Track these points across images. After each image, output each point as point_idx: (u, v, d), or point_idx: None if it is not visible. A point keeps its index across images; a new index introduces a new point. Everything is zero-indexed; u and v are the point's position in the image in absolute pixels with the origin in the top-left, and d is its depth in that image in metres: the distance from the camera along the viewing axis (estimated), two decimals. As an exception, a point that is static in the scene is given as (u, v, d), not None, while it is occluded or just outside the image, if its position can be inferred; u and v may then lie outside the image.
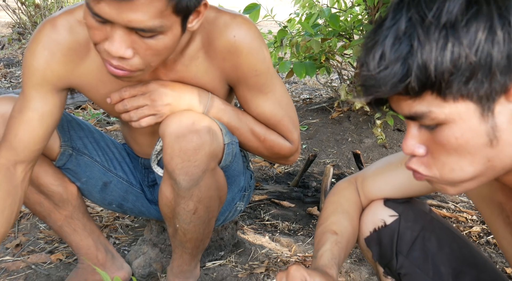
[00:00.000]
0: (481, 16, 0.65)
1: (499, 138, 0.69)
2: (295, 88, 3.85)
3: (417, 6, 0.67)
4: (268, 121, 1.31)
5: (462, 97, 0.68)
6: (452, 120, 0.69)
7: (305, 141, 2.73)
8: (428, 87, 0.68)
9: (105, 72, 1.22)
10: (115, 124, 2.97)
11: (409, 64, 0.67)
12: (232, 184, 1.39)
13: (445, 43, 0.65)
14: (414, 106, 0.70)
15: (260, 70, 1.24)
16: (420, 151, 0.75)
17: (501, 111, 0.68)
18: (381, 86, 0.69)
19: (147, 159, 1.49)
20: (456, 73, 0.66)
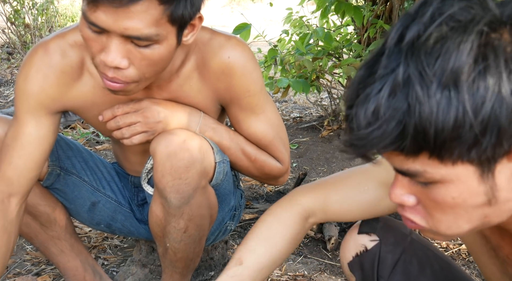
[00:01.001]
0: (488, 76, 0.57)
1: (498, 197, 0.65)
2: (285, 107, 3.87)
3: (416, 58, 0.59)
4: (259, 141, 1.32)
5: (462, 162, 0.61)
6: (450, 180, 0.63)
7: (295, 159, 2.73)
8: (426, 150, 0.61)
9: (98, 94, 1.22)
10: (105, 144, 2.96)
11: (405, 125, 0.59)
12: (223, 203, 1.38)
13: (448, 106, 0.57)
14: (407, 164, 0.64)
15: (252, 91, 1.25)
16: (410, 201, 0.69)
17: (501, 170, 0.63)
18: (372, 147, 0.62)
19: (138, 177, 1.48)
20: (458, 140, 0.58)
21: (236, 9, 8.65)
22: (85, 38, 1.03)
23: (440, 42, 0.58)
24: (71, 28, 1.22)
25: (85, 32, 1.02)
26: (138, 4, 0.95)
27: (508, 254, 0.80)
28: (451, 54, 0.57)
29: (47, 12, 4.98)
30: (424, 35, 0.59)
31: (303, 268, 1.78)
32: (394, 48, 0.61)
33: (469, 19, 0.59)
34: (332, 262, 1.82)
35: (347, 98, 0.65)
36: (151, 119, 1.21)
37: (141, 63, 1.04)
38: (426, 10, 0.61)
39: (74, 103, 1.24)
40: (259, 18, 7.13)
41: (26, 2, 4.87)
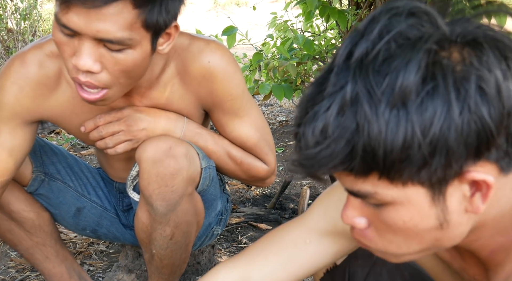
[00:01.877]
0: (437, 98, 0.56)
1: (449, 221, 0.63)
2: (271, 111, 3.88)
3: (365, 77, 0.57)
4: (244, 144, 1.32)
5: (412, 183, 0.60)
6: (400, 203, 0.62)
7: (281, 163, 2.74)
8: (375, 170, 0.59)
9: (77, 103, 1.22)
10: (90, 149, 2.94)
11: (353, 145, 0.58)
12: (209, 208, 1.38)
13: (397, 126, 0.56)
14: (357, 184, 0.62)
15: (235, 95, 1.25)
16: (362, 223, 0.68)
17: (453, 193, 0.62)
18: (321, 167, 0.60)
19: (122, 183, 1.47)
20: (407, 161, 0.57)
21: (221, 13, 8.66)
22: (57, 42, 1.02)
23: (388, 60, 0.57)
24: (48, 38, 1.21)
25: (57, 35, 1.01)
26: (111, 6, 0.94)
27: (475, 275, 0.79)
28: (399, 73, 0.56)
29: (30, 16, 4.93)
30: (372, 52, 0.58)
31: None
32: (343, 66, 0.59)
33: (417, 37, 0.58)
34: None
35: (296, 117, 0.63)
36: (134, 127, 1.21)
37: (114, 68, 1.02)
38: (374, 27, 0.59)
39: (52, 113, 1.23)
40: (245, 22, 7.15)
41: (9, 7, 4.82)
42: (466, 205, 0.63)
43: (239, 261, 0.93)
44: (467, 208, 0.63)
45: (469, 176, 0.60)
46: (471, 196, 0.62)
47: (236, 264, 0.93)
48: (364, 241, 0.70)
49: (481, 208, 0.63)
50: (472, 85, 0.57)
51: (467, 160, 0.59)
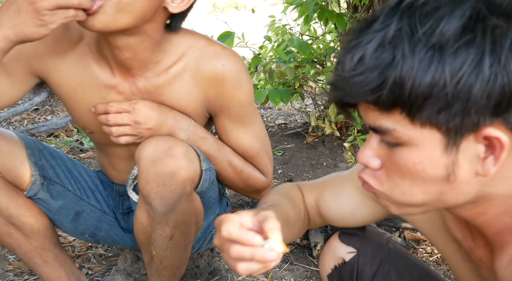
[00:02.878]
0: (472, 47, 0.60)
1: (456, 175, 0.66)
2: (270, 114, 3.88)
3: (411, 17, 0.63)
4: (246, 153, 1.33)
5: (430, 125, 0.64)
6: (415, 144, 0.66)
7: (280, 166, 2.74)
8: (399, 105, 0.64)
9: (86, 76, 1.24)
10: (89, 152, 2.93)
11: (386, 76, 0.62)
12: (208, 211, 1.38)
13: (428, 65, 0.61)
14: (380, 120, 0.67)
15: (243, 102, 1.27)
16: (375, 163, 0.72)
17: (466, 149, 0.65)
18: (351, 91, 0.65)
19: (122, 186, 1.47)
20: (431, 99, 0.61)
21: (220, 17, 8.67)
22: None
23: (436, 8, 0.62)
24: None
25: None
26: None
27: (481, 256, 0.81)
28: (442, 18, 0.61)
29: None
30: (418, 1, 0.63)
31: (289, 275, 1.78)
32: (393, 8, 0.65)
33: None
34: (317, 269, 1.83)
35: (343, 44, 0.69)
36: (142, 125, 1.23)
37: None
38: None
39: (60, 77, 1.25)
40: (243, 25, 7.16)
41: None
42: (477, 168, 0.66)
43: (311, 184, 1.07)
44: (478, 171, 0.66)
45: (485, 132, 0.63)
46: (484, 158, 0.65)
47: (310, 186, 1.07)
48: (372, 182, 0.73)
49: (491, 170, 0.65)
50: (508, 42, 0.61)
51: (486, 113, 0.62)
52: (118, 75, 1.24)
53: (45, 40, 1.20)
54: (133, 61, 1.20)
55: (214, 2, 9.10)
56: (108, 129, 1.24)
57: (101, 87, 1.25)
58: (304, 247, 1.97)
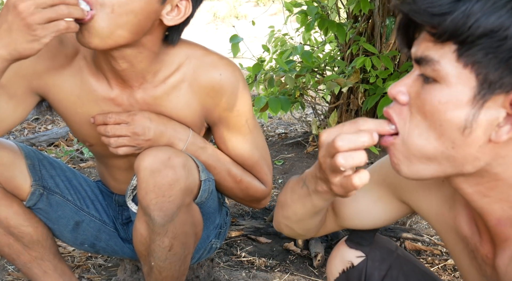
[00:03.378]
0: None
1: (472, 130, 0.68)
2: (271, 123, 3.88)
3: None
4: (245, 162, 1.33)
5: (472, 67, 0.66)
6: (448, 82, 0.68)
7: (280, 175, 2.74)
8: (455, 37, 0.66)
9: (85, 89, 1.24)
10: (89, 162, 2.93)
11: (457, 6, 0.65)
12: (208, 221, 1.38)
13: (499, 9, 0.64)
14: (430, 50, 0.69)
15: (241, 111, 1.27)
16: (404, 98, 0.74)
17: (490, 108, 0.67)
18: (420, 8, 0.68)
19: (122, 196, 1.47)
20: (486, 39, 0.65)
21: (220, 26, 8.71)
22: None
23: None
24: None
25: None
26: None
27: (487, 253, 0.82)
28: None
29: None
30: None
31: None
32: None
33: None
34: (318, 279, 1.82)
35: None
36: (141, 137, 1.23)
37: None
38: None
39: (59, 92, 1.25)
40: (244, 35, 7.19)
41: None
42: (491, 134, 0.68)
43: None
44: (491, 137, 0.68)
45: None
46: (501, 125, 0.68)
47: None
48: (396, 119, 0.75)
49: (503, 137, 0.68)
50: None
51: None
52: (115, 87, 1.24)
53: (41, 57, 1.20)
54: (131, 72, 1.20)
55: (214, 12, 9.14)
56: (107, 140, 1.24)
57: (99, 100, 1.25)
58: (304, 257, 1.96)
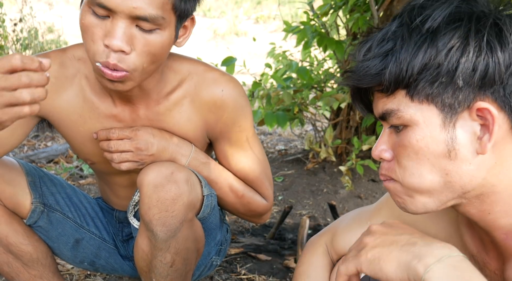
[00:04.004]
0: (460, 29, 0.71)
1: (457, 152, 0.73)
2: (271, 140, 3.88)
3: (410, 13, 0.76)
4: (246, 177, 1.33)
5: (427, 100, 0.73)
6: (416, 122, 0.74)
7: (280, 192, 2.73)
8: (400, 84, 0.74)
9: (86, 108, 1.24)
10: (88, 178, 2.93)
11: (387, 61, 0.74)
12: (209, 237, 1.38)
13: (422, 45, 0.72)
14: (386, 104, 0.77)
15: (243, 127, 1.28)
16: (387, 155, 0.80)
17: (463, 126, 0.73)
18: (361, 76, 0.76)
19: (123, 212, 1.46)
20: (425, 73, 0.72)
21: (220, 43, 8.76)
22: (87, 25, 1.05)
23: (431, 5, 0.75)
24: (69, 45, 1.27)
25: (88, 18, 1.04)
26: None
27: (495, 269, 0.83)
28: (436, 9, 0.73)
29: (31, 46, 4.99)
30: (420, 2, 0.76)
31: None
32: (399, 13, 0.78)
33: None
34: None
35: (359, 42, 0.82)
36: (144, 152, 1.23)
37: (143, 49, 1.06)
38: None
39: (60, 112, 1.25)
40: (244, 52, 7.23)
41: (10, 37, 4.88)
42: (476, 147, 0.73)
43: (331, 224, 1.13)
44: (477, 150, 0.73)
45: (476, 105, 0.72)
46: (480, 137, 0.72)
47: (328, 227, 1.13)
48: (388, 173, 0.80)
49: (487, 146, 0.72)
50: (490, 22, 0.71)
51: (474, 88, 0.71)
52: (119, 105, 1.25)
53: None
54: (138, 93, 1.22)
55: (215, 29, 9.21)
56: (109, 156, 1.24)
57: (101, 118, 1.26)
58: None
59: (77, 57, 1.23)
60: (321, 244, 1.10)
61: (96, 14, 1.04)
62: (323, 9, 2.71)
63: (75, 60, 1.23)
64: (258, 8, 10.07)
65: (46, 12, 6.33)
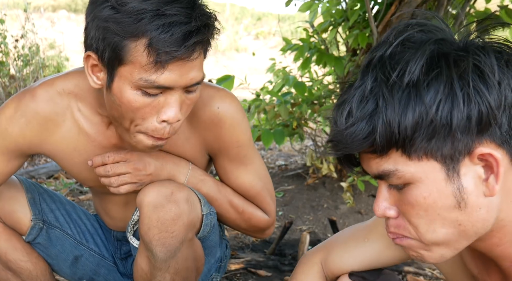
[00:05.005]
0: (441, 78, 0.68)
1: (466, 201, 0.70)
2: (271, 155, 3.88)
3: (383, 67, 0.71)
4: (247, 193, 1.32)
5: (427, 156, 0.70)
6: (419, 179, 0.71)
7: (281, 208, 2.72)
8: (393, 145, 0.70)
9: (81, 141, 1.22)
10: (88, 194, 2.92)
11: (374, 122, 0.70)
12: (209, 255, 1.37)
13: (408, 102, 0.68)
14: (381, 165, 0.72)
15: (241, 142, 1.27)
16: (391, 212, 0.76)
17: (467, 173, 0.70)
18: (349, 143, 0.71)
19: (120, 232, 1.45)
20: (419, 131, 0.68)
21: (221, 59, 8.80)
22: (138, 106, 1.03)
23: (402, 54, 0.71)
24: (59, 75, 1.23)
25: (140, 100, 1.03)
26: (196, 52, 1.01)
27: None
28: (410, 60, 0.69)
29: (32, 63, 5.01)
30: (388, 52, 0.72)
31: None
32: (367, 66, 0.74)
33: (426, 39, 0.72)
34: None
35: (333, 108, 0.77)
36: (142, 172, 1.22)
37: (188, 107, 1.08)
38: (389, 35, 0.74)
39: (55, 148, 1.24)
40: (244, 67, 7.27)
41: (11, 53, 4.90)
42: (484, 190, 0.70)
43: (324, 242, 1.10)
44: (485, 192, 0.70)
45: (477, 152, 0.69)
46: (485, 179, 0.70)
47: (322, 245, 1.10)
48: (398, 231, 0.76)
49: (496, 188, 0.70)
50: (470, 65, 0.68)
51: (471, 135, 0.68)
52: (116, 134, 1.22)
53: (29, 125, 1.18)
54: None
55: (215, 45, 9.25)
56: (107, 181, 1.21)
57: (98, 149, 1.23)
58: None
59: (67, 91, 1.20)
60: (316, 262, 1.08)
61: (148, 93, 1.02)
62: (323, 26, 2.73)
63: (64, 94, 1.20)
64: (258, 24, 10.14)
65: (47, 29, 6.37)
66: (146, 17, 0.97)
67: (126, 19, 0.97)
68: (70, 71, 1.25)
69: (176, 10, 0.98)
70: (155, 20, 0.97)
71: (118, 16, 0.98)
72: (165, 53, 0.97)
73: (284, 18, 8.29)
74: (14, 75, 5.02)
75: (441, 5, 2.34)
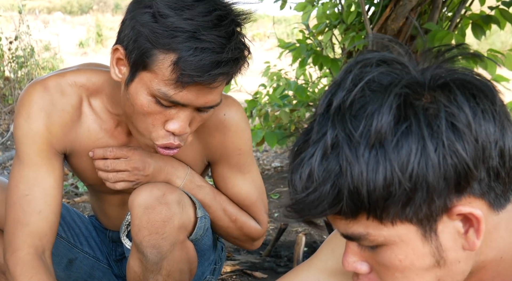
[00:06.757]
0: (411, 136, 0.59)
1: (446, 258, 0.65)
2: (267, 157, 3.88)
3: (342, 121, 0.62)
4: (242, 201, 1.32)
5: (401, 221, 0.62)
6: (393, 242, 0.64)
7: (276, 210, 2.72)
8: (363, 210, 0.62)
9: (91, 138, 1.21)
10: (83, 196, 2.91)
11: (339, 187, 0.61)
12: (202, 257, 1.36)
13: (376, 165, 0.59)
14: (350, 227, 0.65)
15: (243, 150, 1.27)
16: (363, 268, 0.70)
17: (444, 230, 0.64)
18: (311, 210, 0.63)
19: (115, 232, 1.45)
20: (391, 199, 0.60)
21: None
22: (150, 112, 1.05)
23: (363, 105, 0.62)
24: (70, 70, 1.21)
25: (152, 107, 1.04)
26: (218, 82, 1.01)
27: None
28: (373, 115, 0.60)
29: (27, 65, 4.99)
30: (348, 100, 0.62)
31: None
32: (324, 114, 0.64)
33: (389, 82, 0.62)
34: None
35: (288, 164, 0.67)
36: (141, 172, 1.22)
37: (196, 124, 1.10)
38: (348, 77, 0.64)
39: (72, 145, 1.22)
40: (239, 70, 7.26)
41: (6, 55, 4.89)
42: (462, 243, 0.65)
43: None
44: (464, 246, 0.65)
45: (456, 210, 0.62)
46: (465, 232, 0.64)
47: None
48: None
49: (476, 243, 0.64)
50: (443, 122, 0.60)
51: (449, 194, 0.61)
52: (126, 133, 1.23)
53: (51, 118, 1.16)
54: None
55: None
56: (105, 175, 1.21)
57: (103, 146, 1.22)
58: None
59: (79, 84, 1.18)
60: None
61: (161, 103, 1.04)
62: (319, 28, 2.74)
63: (76, 87, 1.18)
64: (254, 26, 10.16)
65: (41, 31, 6.36)
66: (182, 36, 0.98)
67: (162, 31, 0.98)
68: (80, 66, 1.24)
69: (212, 37, 0.98)
70: (188, 42, 0.98)
71: (155, 26, 0.99)
72: (188, 75, 0.98)
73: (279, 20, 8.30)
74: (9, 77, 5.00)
75: (436, 7, 2.35)
